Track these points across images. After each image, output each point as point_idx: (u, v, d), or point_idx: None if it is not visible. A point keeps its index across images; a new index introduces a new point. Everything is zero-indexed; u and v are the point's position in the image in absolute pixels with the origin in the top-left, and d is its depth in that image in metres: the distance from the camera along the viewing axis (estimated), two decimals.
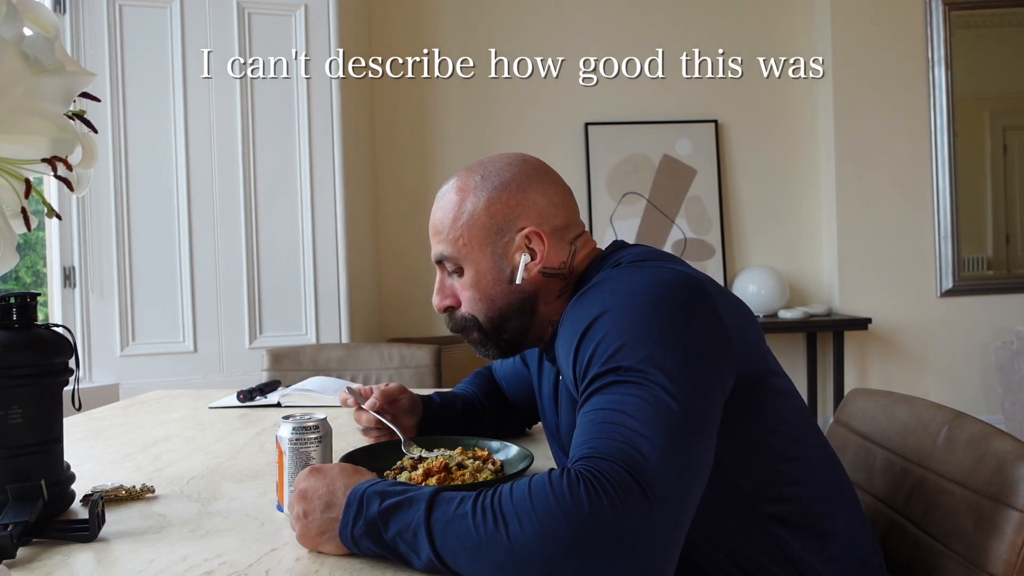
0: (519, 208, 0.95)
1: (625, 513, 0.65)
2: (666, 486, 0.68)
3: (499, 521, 0.67)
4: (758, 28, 3.82)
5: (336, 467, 0.80)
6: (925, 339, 3.71)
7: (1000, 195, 3.77)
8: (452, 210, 0.96)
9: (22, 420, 0.82)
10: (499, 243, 0.95)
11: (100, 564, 0.74)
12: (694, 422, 0.73)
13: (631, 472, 0.67)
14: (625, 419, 0.71)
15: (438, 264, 0.99)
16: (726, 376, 0.79)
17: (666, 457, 0.69)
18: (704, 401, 0.75)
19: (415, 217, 3.78)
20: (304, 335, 2.89)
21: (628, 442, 0.69)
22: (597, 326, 0.79)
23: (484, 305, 0.96)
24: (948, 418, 0.98)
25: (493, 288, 0.95)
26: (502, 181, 0.96)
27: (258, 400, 1.62)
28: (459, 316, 0.98)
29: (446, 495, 0.72)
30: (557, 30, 3.77)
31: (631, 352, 0.75)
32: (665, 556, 0.67)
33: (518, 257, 0.94)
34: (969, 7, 3.70)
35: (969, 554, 0.85)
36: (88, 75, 0.63)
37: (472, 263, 0.95)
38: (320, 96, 2.89)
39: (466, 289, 0.96)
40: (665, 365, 0.74)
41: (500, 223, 0.95)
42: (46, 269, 2.72)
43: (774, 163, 3.85)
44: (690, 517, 0.71)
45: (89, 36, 2.65)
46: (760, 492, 0.85)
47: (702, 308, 0.80)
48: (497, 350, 0.99)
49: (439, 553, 0.68)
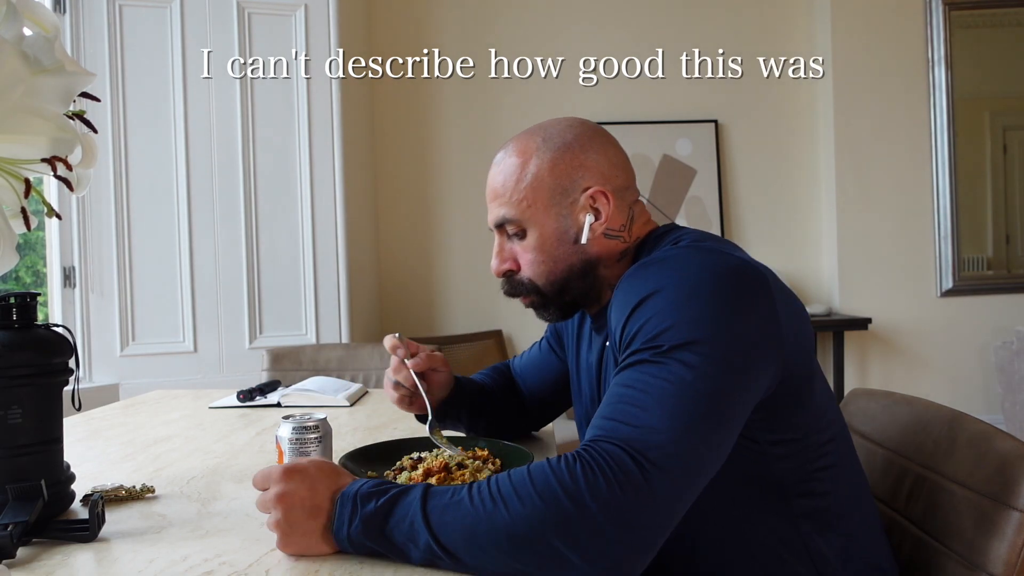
0: (583, 168, 0.95)
1: (621, 493, 0.67)
2: (666, 471, 0.70)
3: (497, 501, 0.69)
4: (758, 28, 3.82)
5: (313, 467, 0.77)
6: (925, 339, 3.71)
7: (1000, 195, 3.77)
8: (514, 173, 0.96)
9: (22, 420, 0.82)
10: (564, 203, 0.95)
11: (100, 564, 0.74)
12: (716, 412, 0.74)
13: (632, 454, 0.69)
14: (646, 401, 0.73)
15: (498, 228, 0.98)
16: (767, 372, 0.80)
17: (675, 443, 0.71)
18: (733, 394, 0.76)
19: (415, 217, 3.78)
20: (304, 335, 2.89)
21: (640, 425, 0.71)
22: (650, 302, 0.79)
23: (547, 267, 0.96)
24: (948, 418, 0.97)
25: (558, 249, 0.95)
26: (564, 142, 0.96)
27: (258, 400, 1.62)
28: (518, 280, 0.99)
29: (437, 488, 0.73)
30: (557, 30, 3.77)
31: (675, 334, 0.75)
32: (655, 537, 0.69)
33: (583, 217, 0.94)
34: (969, 7, 3.70)
35: (969, 554, 0.85)
36: (88, 75, 0.63)
37: (536, 224, 0.95)
38: (320, 96, 2.89)
39: (529, 251, 0.96)
40: (704, 352, 0.74)
41: (565, 183, 0.95)
42: (46, 269, 2.72)
43: (774, 163, 3.85)
44: (689, 502, 0.73)
45: (89, 36, 2.64)
46: (793, 486, 0.86)
47: (757, 300, 0.80)
48: (558, 312, 0.99)
49: (437, 537, 0.69)
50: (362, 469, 0.97)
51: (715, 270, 0.80)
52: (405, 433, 1.27)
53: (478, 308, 3.76)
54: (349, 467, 0.95)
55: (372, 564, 0.72)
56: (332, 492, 0.74)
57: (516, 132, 1.02)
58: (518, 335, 3.77)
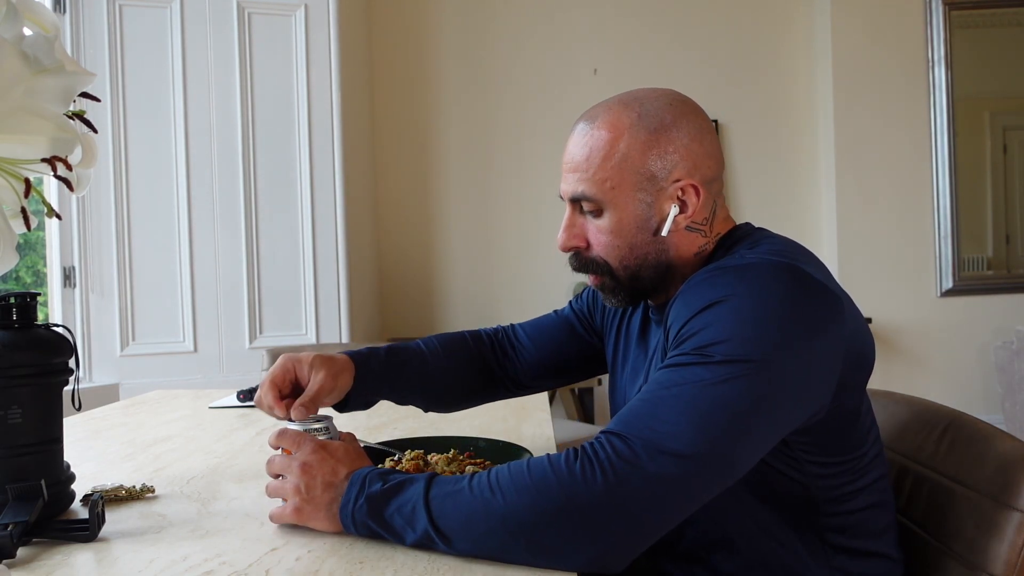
0: (676, 156, 0.87)
1: (618, 488, 0.68)
2: (671, 474, 0.69)
3: (495, 491, 0.71)
4: (758, 28, 3.82)
5: (341, 448, 0.82)
6: (925, 339, 3.71)
7: (1000, 195, 3.77)
8: (603, 148, 0.87)
9: (22, 420, 0.82)
10: (651, 190, 0.87)
11: (100, 564, 0.74)
12: (744, 433, 0.72)
13: (639, 451, 0.69)
14: (677, 405, 0.71)
15: (572, 202, 0.91)
16: (812, 404, 0.77)
17: (690, 451, 0.70)
18: (769, 421, 0.74)
19: (415, 217, 3.78)
20: (304, 335, 2.89)
21: (662, 430, 0.70)
22: (714, 309, 0.75)
23: (622, 252, 0.89)
24: (948, 418, 0.97)
25: (635, 236, 0.88)
26: (662, 123, 0.87)
27: None
28: (589, 258, 0.92)
29: (443, 477, 0.75)
30: (557, 29, 3.77)
31: (729, 348, 0.73)
32: (644, 534, 0.70)
33: (668, 207, 0.87)
34: (969, 7, 3.70)
35: (969, 554, 0.85)
36: (88, 75, 0.63)
37: (617, 207, 0.87)
38: (320, 96, 2.89)
39: (604, 233, 0.89)
40: (752, 374, 0.72)
41: (656, 170, 0.87)
42: (46, 269, 2.72)
43: (774, 163, 3.85)
44: (690, 510, 0.72)
45: (89, 36, 2.64)
46: (827, 504, 0.85)
47: (824, 329, 0.76)
48: (627, 298, 0.93)
49: (435, 523, 0.71)
50: None
51: (788, 290, 0.76)
52: (404, 433, 1.27)
53: (478, 308, 3.76)
54: None
55: (372, 564, 0.72)
56: (348, 472, 0.78)
57: (516, 131, 1.01)
58: None
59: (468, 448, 1.06)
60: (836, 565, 0.87)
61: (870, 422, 0.90)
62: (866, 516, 0.88)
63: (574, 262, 0.94)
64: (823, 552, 0.87)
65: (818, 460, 0.83)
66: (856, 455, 0.86)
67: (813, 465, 0.83)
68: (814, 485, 0.84)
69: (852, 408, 0.84)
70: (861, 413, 0.86)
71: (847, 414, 0.83)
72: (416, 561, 0.73)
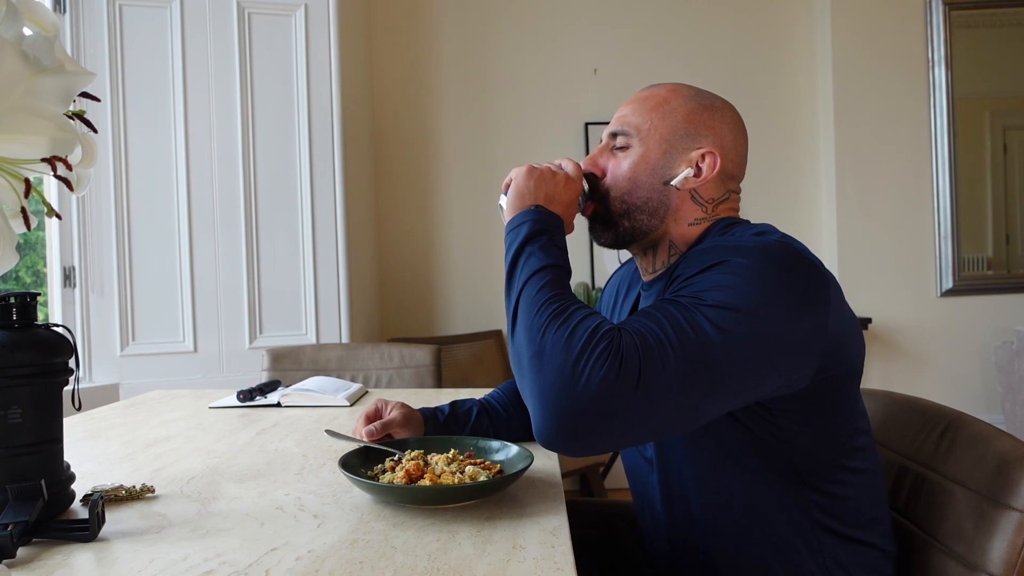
0: (711, 131, 1.00)
1: (615, 382, 0.74)
2: (656, 391, 0.75)
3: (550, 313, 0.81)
4: (758, 28, 3.82)
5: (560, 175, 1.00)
6: (925, 339, 3.71)
7: (1000, 195, 3.77)
8: (655, 99, 1.01)
9: (22, 420, 0.82)
10: (678, 146, 0.99)
11: (100, 564, 0.74)
12: (723, 376, 0.77)
13: (641, 359, 0.75)
14: (674, 334, 0.77)
15: (610, 137, 1.04)
16: (798, 368, 0.82)
17: (674, 375, 0.75)
18: (746, 372, 0.79)
19: (415, 217, 3.78)
20: (304, 335, 2.89)
21: (658, 344, 0.76)
22: (722, 267, 0.82)
23: (627, 186, 1.00)
24: (948, 418, 0.98)
25: (646, 177, 0.99)
26: (712, 104, 1.01)
27: (258, 400, 1.62)
28: (597, 185, 1.03)
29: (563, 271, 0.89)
30: (557, 30, 3.77)
31: (725, 296, 0.79)
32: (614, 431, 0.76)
33: (684, 167, 0.99)
34: (969, 7, 3.70)
35: (969, 554, 0.85)
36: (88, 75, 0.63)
37: (643, 146, 0.99)
38: (320, 96, 2.89)
39: (620, 166, 1.01)
40: (738, 322, 0.78)
41: (690, 131, 0.99)
42: (46, 269, 2.72)
43: (774, 163, 3.85)
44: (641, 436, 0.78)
45: (89, 36, 2.64)
46: (813, 478, 0.88)
47: (813, 302, 0.83)
48: (612, 235, 1.03)
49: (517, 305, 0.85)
50: (362, 469, 0.98)
51: (787, 262, 0.83)
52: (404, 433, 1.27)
53: (478, 308, 3.76)
54: (349, 467, 0.95)
55: (372, 564, 0.72)
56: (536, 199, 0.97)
57: (516, 131, 1.06)
58: None
59: (468, 448, 1.06)
60: (826, 551, 0.88)
61: (864, 420, 0.92)
62: (856, 503, 0.90)
63: (585, 186, 1.03)
64: (813, 537, 0.88)
65: (796, 430, 0.87)
66: (838, 427, 0.89)
67: (794, 435, 0.87)
68: (796, 451, 0.87)
69: (834, 386, 0.87)
70: (847, 399, 0.90)
71: (828, 391, 0.86)
72: (416, 561, 0.73)
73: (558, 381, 0.76)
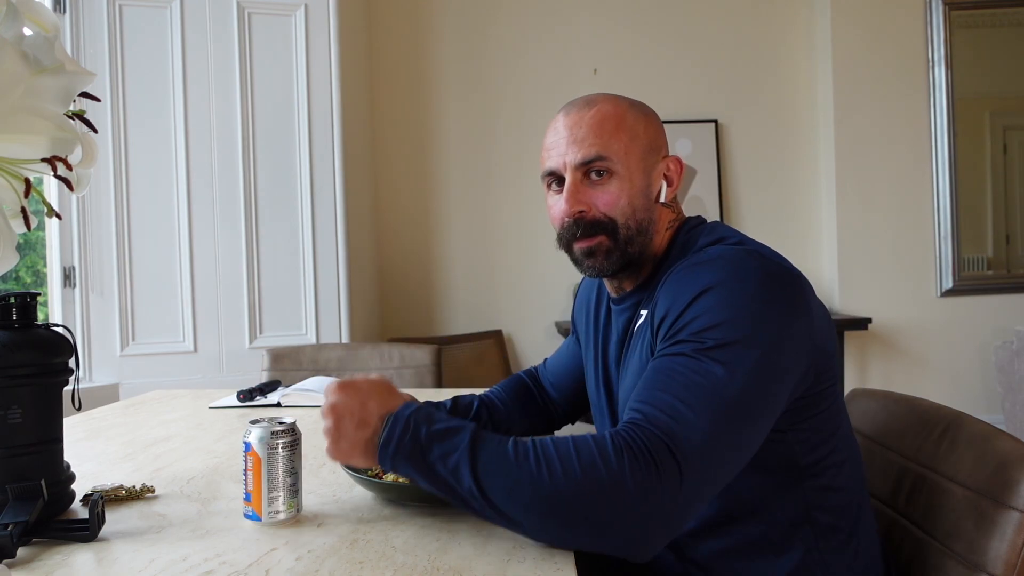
0: (659, 136, 1.01)
1: (657, 481, 0.71)
2: (701, 469, 0.74)
3: (542, 463, 0.72)
4: (758, 28, 3.82)
5: (367, 383, 0.83)
6: (925, 339, 3.71)
7: (1000, 195, 3.77)
8: (613, 117, 0.96)
9: (22, 420, 0.82)
10: (650, 160, 0.98)
11: (100, 564, 0.74)
12: (749, 412, 0.78)
13: (672, 449, 0.73)
14: (686, 395, 0.76)
15: (580, 167, 0.95)
16: (801, 372, 0.84)
17: (710, 442, 0.75)
18: (768, 395, 0.80)
19: (415, 217, 3.78)
20: (304, 335, 2.89)
21: (679, 419, 0.75)
22: (705, 297, 0.82)
23: (628, 212, 0.97)
24: (948, 418, 0.98)
25: (639, 199, 0.97)
26: (648, 112, 1.01)
27: (258, 400, 1.62)
28: (593, 219, 0.96)
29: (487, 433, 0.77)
30: (557, 30, 3.77)
31: (721, 333, 0.79)
32: (679, 522, 0.74)
33: (659, 180, 0.99)
34: (969, 7, 3.70)
35: (969, 554, 0.85)
36: (88, 75, 0.63)
37: (626, 170, 0.96)
38: (320, 96, 2.89)
39: (611, 194, 0.96)
40: (746, 355, 0.78)
41: (654, 143, 0.99)
42: (46, 269, 2.72)
43: (774, 163, 3.85)
44: (713, 494, 0.77)
45: (89, 36, 2.64)
46: (811, 475, 0.89)
47: (799, 305, 0.84)
48: (619, 261, 0.97)
49: (479, 482, 0.73)
50: (363, 469, 0.98)
51: (764, 275, 0.84)
52: None
53: (478, 308, 3.76)
54: (350, 467, 0.95)
55: (372, 564, 0.72)
56: (382, 412, 0.79)
57: (516, 132, 1.04)
58: (518, 335, 3.77)
59: None
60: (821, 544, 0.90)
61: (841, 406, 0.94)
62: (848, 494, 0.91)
63: (574, 228, 0.97)
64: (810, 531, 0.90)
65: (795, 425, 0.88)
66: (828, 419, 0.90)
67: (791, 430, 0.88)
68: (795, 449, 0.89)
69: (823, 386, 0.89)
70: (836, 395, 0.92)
71: (818, 391, 0.88)
72: (416, 560, 0.73)
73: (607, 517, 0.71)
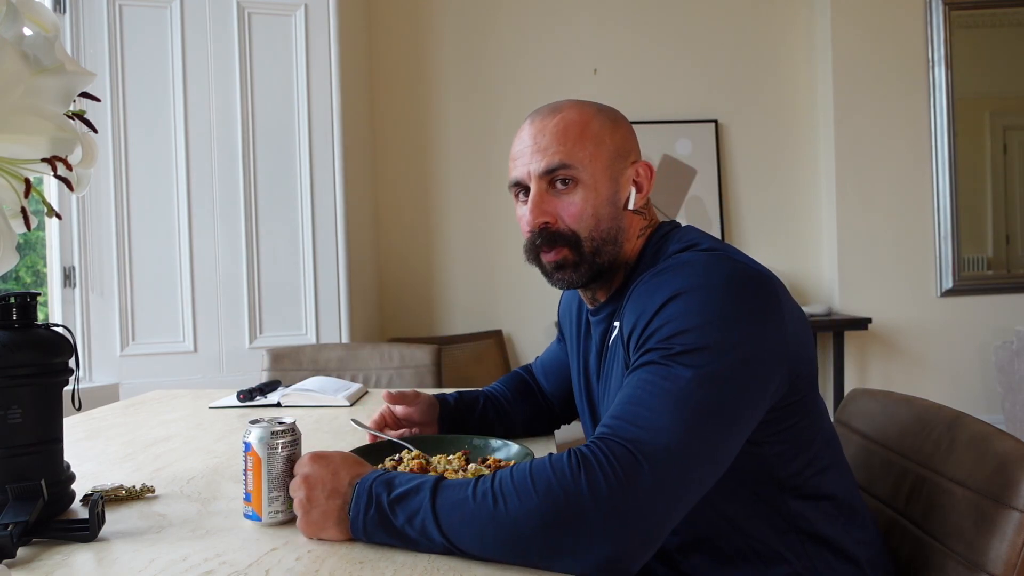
0: (631, 142, 0.99)
1: (621, 493, 0.69)
2: (669, 473, 0.71)
3: (499, 499, 0.70)
4: (758, 28, 3.82)
5: (338, 455, 0.82)
6: (925, 339, 3.71)
7: (1000, 195, 3.77)
8: (577, 124, 0.94)
9: (22, 420, 0.82)
10: (617, 167, 0.96)
11: (100, 564, 0.74)
12: (723, 416, 0.75)
13: (637, 455, 0.71)
14: (653, 402, 0.74)
15: (544, 176, 0.94)
16: (776, 379, 0.81)
17: (672, 440, 0.72)
18: (743, 400, 0.77)
19: (415, 217, 3.78)
20: (304, 335, 2.89)
21: (646, 426, 0.73)
22: (672, 304, 0.80)
23: (593, 223, 0.94)
24: (948, 418, 0.97)
25: (605, 208, 0.95)
26: (616, 116, 0.99)
27: (258, 400, 1.62)
28: (556, 231, 0.94)
29: (448, 482, 0.75)
30: (557, 30, 3.77)
31: (689, 339, 0.77)
32: (653, 537, 0.70)
33: (628, 186, 0.97)
34: (969, 7, 3.70)
35: (969, 554, 0.85)
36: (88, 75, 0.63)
37: (591, 178, 0.94)
38: (320, 96, 2.89)
39: (575, 204, 0.94)
40: (716, 360, 0.76)
41: (621, 149, 0.97)
42: (46, 269, 2.72)
43: (774, 163, 3.85)
44: (691, 502, 0.74)
45: (89, 36, 2.64)
46: (792, 487, 0.87)
47: (770, 309, 0.82)
48: (587, 273, 0.96)
49: (447, 536, 0.71)
50: None
51: (732, 278, 0.82)
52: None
53: (478, 308, 3.76)
54: None
55: (372, 564, 0.72)
56: (351, 478, 0.78)
57: (516, 132, 1.01)
58: (518, 335, 3.77)
59: (464, 446, 1.07)
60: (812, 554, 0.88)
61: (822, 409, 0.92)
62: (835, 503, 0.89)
63: (536, 239, 0.96)
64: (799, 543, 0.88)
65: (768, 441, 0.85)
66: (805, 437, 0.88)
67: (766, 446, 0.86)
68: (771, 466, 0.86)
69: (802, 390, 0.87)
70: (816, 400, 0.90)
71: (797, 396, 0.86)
72: (416, 560, 0.73)
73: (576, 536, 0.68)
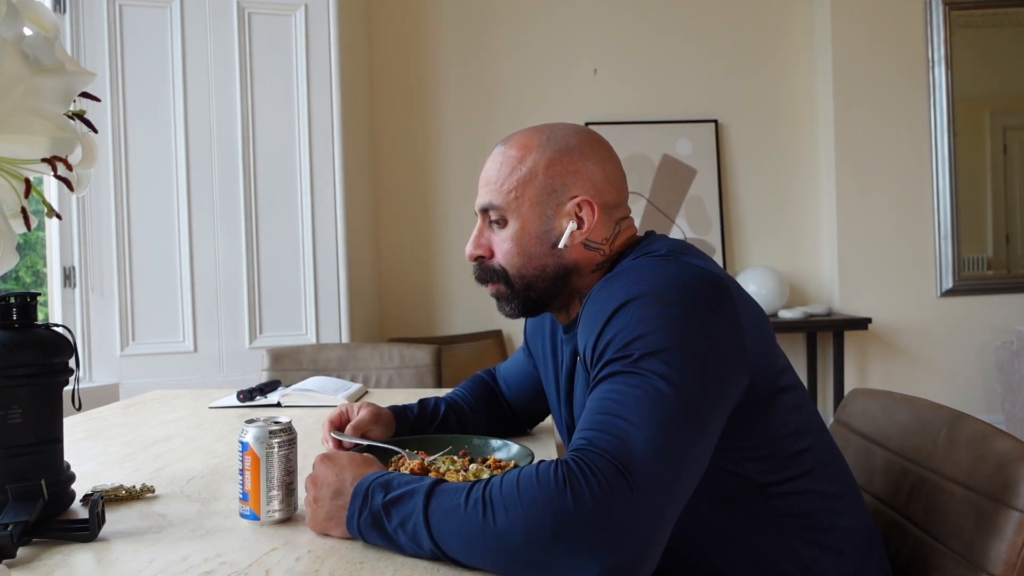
0: (577, 175, 0.95)
1: (607, 504, 0.67)
2: (652, 478, 0.70)
3: (487, 511, 0.70)
4: (758, 28, 3.82)
5: (346, 456, 0.83)
6: (925, 339, 3.71)
7: (1000, 195, 3.77)
8: (510, 163, 0.96)
9: (22, 420, 0.82)
10: (550, 204, 0.94)
11: (100, 564, 0.74)
12: (693, 418, 0.74)
13: (618, 464, 0.69)
14: (624, 410, 0.73)
15: (482, 213, 0.98)
16: (737, 376, 0.80)
17: (656, 450, 0.71)
18: (708, 399, 0.76)
19: (415, 217, 3.78)
20: (304, 335, 2.89)
21: (621, 435, 0.71)
22: (622, 313, 0.80)
23: (520, 260, 0.95)
24: (948, 418, 0.97)
25: (534, 246, 0.95)
26: (566, 146, 0.96)
27: (258, 400, 1.62)
28: (488, 266, 0.98)
29: (444, 486, 0.74)
30: (557, 30, 3.77)
31: (646, 344, 0.76)
32: (647, 545, 0.69)
33: (565, 223, 0.94)
34: (969, 7, 3.70)
35: (969, 554, 0.85)
36: (88, 75, 0.63)
37: (519, 217, 0.95)
38: (320, 96, 2.89)
39: (505, 242, 0.96)
40: (676, 361, 0.75)
41: (556, 185, 0.95)
42: (46, 269, 2.72)
43: (774, 163, 3.85)
44: (678, 509, 0.73)
45: (89, 36, 2.64)
46: (770, 486, 0.86)
47: (723, 308, 0.81)
48: (520, 307, 0.98)
49: (437, 543, 0.71)
50: None
51: (680, 280, 0.81)
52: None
53: (478, 308, 3.76)
54: None
55: (372, 564, 0.72)
56: (354, 478, 0.79)
57: (516, 131, 1.02)
58: (518, 335, 3.77)
59: (463, 446, 1.07)
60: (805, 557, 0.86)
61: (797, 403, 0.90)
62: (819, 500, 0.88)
63: (475, 272, 1.00)
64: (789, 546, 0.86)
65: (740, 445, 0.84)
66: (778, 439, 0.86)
67: (738, 451, 0.84)
68: (750, 473, 0.85)
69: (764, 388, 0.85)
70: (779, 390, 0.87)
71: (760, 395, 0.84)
72: (416, 560, 0.73)
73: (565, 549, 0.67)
